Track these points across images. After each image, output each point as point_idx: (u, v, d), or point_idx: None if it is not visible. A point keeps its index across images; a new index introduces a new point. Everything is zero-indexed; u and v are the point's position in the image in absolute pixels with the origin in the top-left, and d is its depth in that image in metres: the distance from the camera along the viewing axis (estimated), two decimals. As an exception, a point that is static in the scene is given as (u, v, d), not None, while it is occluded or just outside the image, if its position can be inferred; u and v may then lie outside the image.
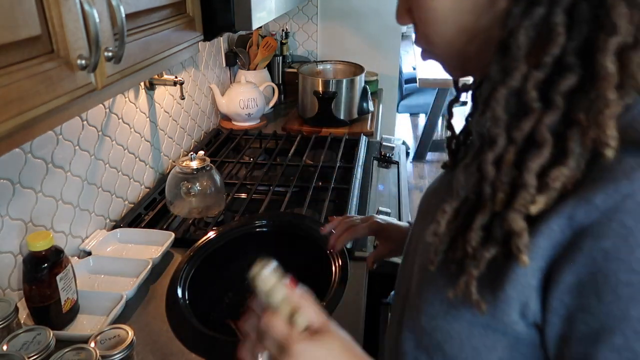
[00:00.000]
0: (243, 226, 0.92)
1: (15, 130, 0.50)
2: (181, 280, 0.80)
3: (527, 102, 0.40)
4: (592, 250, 0.37)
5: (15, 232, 0.93)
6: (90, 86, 0.61)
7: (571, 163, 0.38)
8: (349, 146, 1.74)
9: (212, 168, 1.24)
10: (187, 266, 0.83)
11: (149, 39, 0.75)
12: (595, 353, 0.37)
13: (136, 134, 1.36)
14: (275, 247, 0.94)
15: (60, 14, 0.54)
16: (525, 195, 0.39)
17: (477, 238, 0.43)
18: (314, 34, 2.44)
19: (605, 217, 0.36)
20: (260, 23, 1.04)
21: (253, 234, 0.93)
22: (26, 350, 0.74)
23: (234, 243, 0.91)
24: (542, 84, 0.40)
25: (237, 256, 0.92)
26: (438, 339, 0.48)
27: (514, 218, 0.40)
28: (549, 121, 0.39)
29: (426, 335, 0.50)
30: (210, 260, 0.87)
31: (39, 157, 0.97)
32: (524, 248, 0.39)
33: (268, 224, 0.94)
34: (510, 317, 0.42)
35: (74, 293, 0.91)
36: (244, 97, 1.87)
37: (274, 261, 0.49)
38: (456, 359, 0.47)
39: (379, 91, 2.39)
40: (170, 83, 1.43)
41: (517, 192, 0.40)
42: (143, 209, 1.32)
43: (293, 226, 0.93)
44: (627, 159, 0.36)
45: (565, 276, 0.38)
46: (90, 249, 1.12)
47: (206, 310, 0.82)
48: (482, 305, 0.43)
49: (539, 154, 0.39)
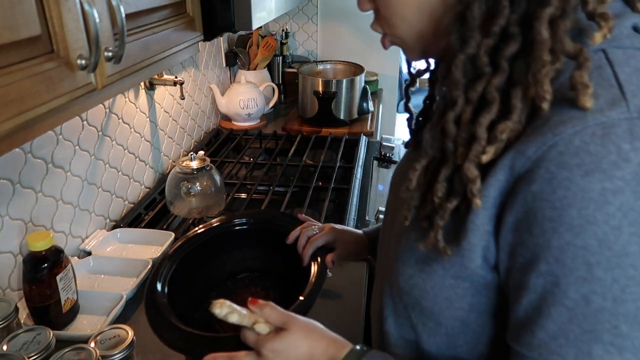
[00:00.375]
0: (223, 224, 0.93)
1: (15, 130, 0.50)
2: (161, 277, 0.81)
3: (480, 67, 0.46)
4: (525, 193, 0.43)
5: (15, 232, 0.93)
6: (90, 86, 0.61)
7: (515, 117, 0.45)
8: (349, 146, 1.74)
9: (212, 168, 1.24)
10: (167, 263, 0.84)
11: (149, 39, 0.75)
12: (526, 279, 0.44)
13: (136, 134, 1.36)
14: (255, 244, 0.95)
15: (60, 14, 0.54)
16: (477, 147, 0.46)
17: (443, 189, 0.49)
18: (314, 34, 2.44)
19: (535, 165, 0.42)
20: (260, 23, 1.04)
21: (233, 232, 0.94)
22: (26, 350, 0.74)
23: (214, 241, 0.92)
24: (491, 50, 0.46)
25: (218, 254, 0.93)
26: (415, 296, 0.55)
27: (468, 167, 0.46)
28: (497, 82, 0.46)
29: (405, 295, 0.57)
30: (191, 259, 0.88)
31: (39, 157, 0.97)
32: (477, 192, 0.46)
33: (248, 221, 0.95)
34: (475, 263, 0.49)
35: (74, 293, 0.91)
36: (244, 97, 1.87)
37: (221, 300, 0.62)
38: (432, 310, 0.54)
39: (379, 91, 2.39)
40: (170, 83, 1.43)
41: (471, 145, 0.47)
42: (143, 209, 1.32)
43: (272, 223, 0.94)
44: (553, 117, 0.43)
45: (508, 217, 0.45)
46: (90, 249, 1.12)
47: (186, 307, 0.83)
48: (448, 250, 0.50)
49: (489, 111, 0.46)
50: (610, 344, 0.41)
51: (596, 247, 0.40)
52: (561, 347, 0.43)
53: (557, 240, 0.42)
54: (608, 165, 0.40)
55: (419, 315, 0.56)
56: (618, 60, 0.44)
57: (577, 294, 0.42)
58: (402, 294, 0.57)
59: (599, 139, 0.40)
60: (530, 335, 0.45)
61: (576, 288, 0.42)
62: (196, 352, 0.68)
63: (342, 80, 1.89)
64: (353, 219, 1.28)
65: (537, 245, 0.43)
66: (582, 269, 0.41)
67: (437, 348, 0.57)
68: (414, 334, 0.58)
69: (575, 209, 0.40)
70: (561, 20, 0.43)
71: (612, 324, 0.41)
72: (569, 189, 0.41)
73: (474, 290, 0.51)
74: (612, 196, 0.40)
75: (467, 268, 0.50)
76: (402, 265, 0.56)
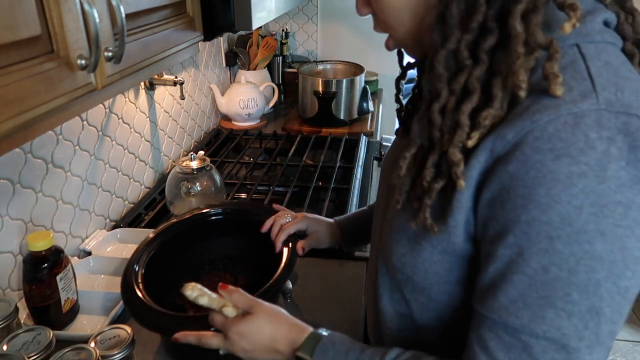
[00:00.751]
0: (201, 214, 0.98)
1: (15, 130, 0.50)
2: (139, 261, 0.85)
3: (461, 60, 0.50)
4: (501, 172, 0.47)
5: (15, 232, 0.93)
6: (90, 86, 0.61)
7: (496, 104, 0.48)
8: (349, 146, 1.74)
9: (212, 168, 1.24)
10: (146, 249, 0.88)
11: (149, 39, 0.75)
12: (494, 249, 0.49)
13: (136, 134, 1.36)
14: (233, 233, 0.99)
15: (60, 14, 0.54)
16: (461, 133, 0.50)
17: (431, 174, 0.53)
18: (314, 34, 2.44)
19: (513, 147, 0.46)
20: (260, 23, 1.04)
21: (211, 222, 0.98)
22: (26, 350, 0.74)
23: (192, 230, 0.96)
24: (471, 44, 0.50)
25: (196, 242, 0.98)
26: (407, 272, 0.59)
27: (453, 152, 0.50)
28: (477, 73, 0.49)
29: (398, 272, 0.61)
30: (169, 246, 0.92)
31: (39, 157, 0.97)
32: (461, 175, 0.50)
33: (224, 211, 0.99)
34: (460, 238, 0.53)
35: (74, 293, 0.91)
36: (244, 97, 1.87)
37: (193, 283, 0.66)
38: (423, 286, 0.59)
39: (379, 91, 2.39)
40: (170, 83, 1.43)
41: (455, 132, 0.50)
42: (143, 209, 1.32)
43: (245, 213, 0.99)
44: (532, 106, 0.47)
45: (484, 194, 0.49)
46: (90, 249, 1.12)
47: (163, 290, 0.87)
48: (434, 227, 0.54)
49: (470, 99, 0.50)
50: (562, 309, 0.46)
51: (559, 224, 0.45)
52: (518, 310, 0.48)
53: (526, 216, 0.46)
54: (575, 151, 0.44)
55: (411, 291, 0.61)
56: (590, 55, 0.48)
57: (537, 264, 0.46)
58: (395, 272, 0.61)
59: (570, 127, 0.44)
60: (493, 299, 0.49)
61: (538, 258, 0.46)
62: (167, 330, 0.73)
63: (342, 80, 1.89)
64: (353, 219, 1.28)
65: (508, 219, 0.47)
66: (544, 242, 0.46)
67: (429, 321, 0.61)
68: (407, 309, 0.63)
69: (544, 189, 0.45)
70: (533, 14, 0.46)
71: (565, 291, 0.46)
72: (540, 171, 0.45)
73: (460, 264, 0.55)
74: (577, 179, 0.44)
75: (453, 243, 0.54)
76: (394, 244, 0.61)
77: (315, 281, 1.06)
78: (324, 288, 1.05)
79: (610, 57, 0.49)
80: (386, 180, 0.72)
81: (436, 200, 0.54)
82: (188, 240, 0.96)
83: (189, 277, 0.95)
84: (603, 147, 0.44)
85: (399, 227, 0.60)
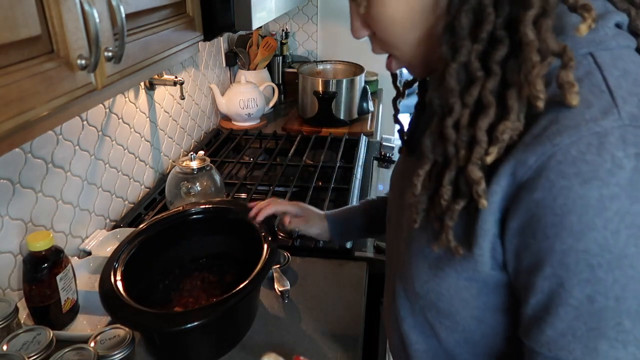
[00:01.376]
0: (182, 213, 0.99)
1: (15, 130, 0.50)
2: (118, 260, 0.86)
3: (473, 72, 0.48)
4: (527, 200, 0.45)
5: (15, 232, 0.93)
6: (90, 86, 0.61)
7: (513, 117, 0.46)
8: (349, 146, 1.74)
9: (212, 168, 1.24)
10: (125, 247, 0.90)
11: (149, 39, 0.75)
12: (533, 281, 0.46)
13: (136, 134, 1.36)
14: (215, 231, 1.00)
15: (60, 14, 0.54)
16: (479, 150, 0.47)
17: (449, 192, 0.51)
18: (314, 34, 2.44)
19: (536, 174, 0.44)
20: (260, 23, 1.04)
21: (189, 222, 0.99)
22: (26, 350, 0.74)
23: (170, 230, 0.97)
24: (482, 55, 0.47)
25: (178, 240, 0.99)
26: (432, 299, 0.57)
27: (472, 169, 0.48)
28: (491, 85, 0.47)
29: (421, 298, 0.59)
30: (150, 244, 0.92)
31: (39, 157, 0.97)
32: (482, 193, 0.47)
33: (206, 210, 1.00)
34: (487, 266, 0.51)
35: (74, 293, 0.91)
36: (244, 97, 1.87)
37: (274, 354, 0.67)
38: (449, 312, 0.57)
39: (379, 91, 2.39)
40: (170, 83, 1.43)
41: (473, 148, 0.48)
42: (143, 209, 1.32)
43: (225, 211, 1.00)
44: (551, 126, 0.44)
45: (512, 222, 0.47)
46: (90, 249, 1.12)
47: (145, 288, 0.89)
48: (459, 250, 0.51)
49: (486, 114, 0.47)
50: (615, 339, 0.44)
51: (597, 251, 0.42)
52: (569, 344, 0.45)
53: (560, 245, 0.43)
54: (604, 173, 0.42)
55: (436, 315, 0.59)
56: (606, 64, 0.46)
57: (581, 294, 0.44)
58: (418, 297, 0.59)
59: (595, 149, 0.42)
60: (540, 332, 0.47)
61: (580, 289, 0.44)
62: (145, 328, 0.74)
63: (342, 80, 1.89)
64: (353, 219, 1.28)
65: (541, 249, 0.45)
66: (585, 271, 0.43)
67: (456, 343, 0.59)
68: (432, 332, 0.61)
69: (576, 215, 0.42)
70: (543, 19, 0.44)
71: (615, 320, 0.43)
72: (568, 197, 0.43)
73: (487, 289, 0.53)
74: (609, 202, 0.42)
75: (480, 272, 0.52)
76: (415, 270, 0.58)
77: (315, 281, 1.06)
78: (324, 288, 1.05)
79: (628, 64, 0.46)
80: (397, 199, 0.70)
81: (458, 221, 0.51)
82: (170, 239, 0.97)
83: (173, 275, 0.98)
84: (632, 165, 0.41)
85: (419, 251, 0.58)
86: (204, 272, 1.00)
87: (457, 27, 0.48)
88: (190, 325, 0.70)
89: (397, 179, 0.73)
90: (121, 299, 0.76)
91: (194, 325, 0.70)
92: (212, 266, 1.01)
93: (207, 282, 0.98)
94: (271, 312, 0.97)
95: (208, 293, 0.96)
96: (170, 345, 0.80)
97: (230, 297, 0.74)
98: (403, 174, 0.70)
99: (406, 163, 0.71)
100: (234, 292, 0.75)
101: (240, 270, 0.98)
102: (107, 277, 0.80)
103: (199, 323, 0.71)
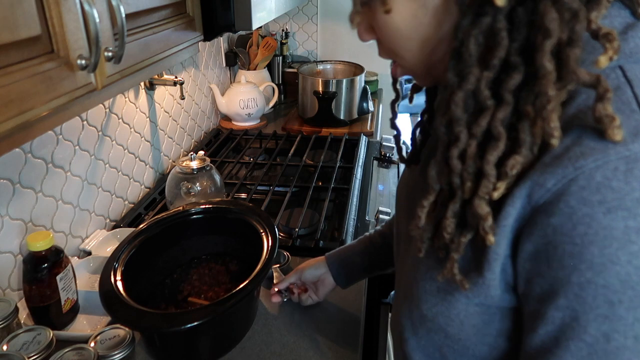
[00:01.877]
0: (179, 214, 0.99)
1: (15, 130, 0.50)
2: (118, 260, 0.86)
3: (482, 101, 0.44)
4: (544, 225, 0.42)
5: (15, 232, 0.93)
6: (90, 86, 0.61)
7: (524, 151, 0.43)
8: (349, 146, 1.74)
9: (212, 168, 1.24)
10: (126, 247, 0.89)
11: (149, 39, 0.75)
12: (544, 310, 0.43)
13: (136, 134, 1.36)
14: (211, 231, 1.00)
15: (60, 14, 0.54)
16: (487, 184, 0.44)
17: (452, 225, 0.48)
18: (314, 34, 2.44)
19: (555, 197, 0.41)
20: (260, 23, 1.04)
21: (189, 222, 0.99)
22: (26, 350, 0.74)
23: (170, 230, 0.97)
24: (493, 83, 0.43)
25: (175, 242, 0.99)
26: (440, 323, 0.53)
27: (479, 204, 0.45)
28: (502, 116, 0.43)
29: (428, 321, 0.55)
30: (150, 244, 0.93)
31: (39, 157, 0.97)
32: (489, 230, 0.44)
33: (205, 210, 1.00)
34: (498, 290, 0.48)
35: (74, 293, 0.91)
36: (244, 97, 1.87)
37: None
38: (459, 337, 0.53)
39: (379, 91, 2.39)
40: (170, 83, 1.43)
41: (480, 181, 0.45)
42: (143, 209, 1.32)
43: (225, 211, 1.00)
44: (574, 147, 0.41)
45: (526, 245, 0.44)
46: (90, 249, 1.12)
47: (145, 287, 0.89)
48: (465, 283, 0.48)
49: (496, 147, 0.44)
50: None
51: (618, 287, 0.39)
52: None
53: (578, 277, 0.41)
54: (632, 203, 0.38)
55: (444, 338, 0.55)
56: (637, 79, 0.42)
57: (597, 331, 0.41)
58: (425, 321, 0.55)
59: (622, 175, 0.39)
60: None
61: (597, 325, 0.41)
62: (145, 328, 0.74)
63: (342, 80, 1.89)
64: (353, 219, 1.28)
65: (557, 279, 0.42)
66: (603, 307, 0.40)
67: None
68: (439, 354, 0.56)
69: (597, 247, 0.39)
70: (570, 49, 0.40)
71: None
72: (590, 226, 0.39)
73: (501, 315, 0.50)
74: (635, 235, 0.38)
75: (492, 296, 0.49)
76: (423, 292, 0.55)
77: (315, 281, 1.06)
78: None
79: None
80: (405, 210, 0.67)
81: (466, 250, 0.48)
82: (170, 239, 0.97)
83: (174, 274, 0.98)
84: None
85: (427, 274, 0.55)
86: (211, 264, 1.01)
87: (465, 53, 0.44)
88: (190, 325, 0.70)
89: (402, 192, 0.71)
90: (121, 299, 0.76)
91: (194, 325, 0.70)
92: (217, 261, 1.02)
93: (214, 271, 1.00)
94: (271, 312, 0.97)
95: (218, 281, 0.97)
96: (170, 345, 0.80)
97: (230, 297, 0.75)
98: (407, 187, 0.68)
99: (411, 176, 0.68)
100: (233, 292, 0.75)
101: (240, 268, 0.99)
102: (107, 277, 0.80)
103: (199, 323, 0.71)
